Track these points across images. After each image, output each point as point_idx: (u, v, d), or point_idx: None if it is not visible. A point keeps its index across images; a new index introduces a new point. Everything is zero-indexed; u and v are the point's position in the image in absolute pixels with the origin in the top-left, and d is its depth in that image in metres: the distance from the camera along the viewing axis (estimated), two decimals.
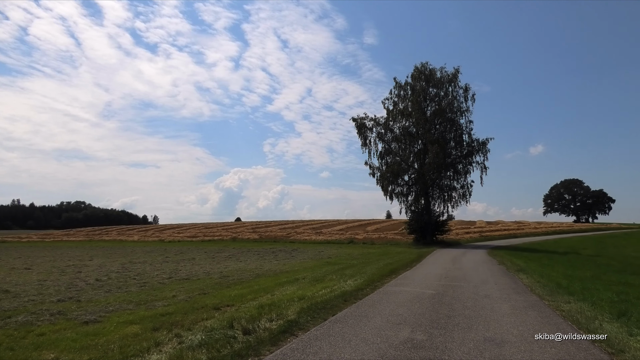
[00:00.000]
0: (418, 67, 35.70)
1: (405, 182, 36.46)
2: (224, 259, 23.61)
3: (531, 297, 8.99)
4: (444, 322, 6.49)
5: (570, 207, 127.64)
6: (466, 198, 36.17)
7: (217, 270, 16.70)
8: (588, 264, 17.98)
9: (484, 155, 35.71)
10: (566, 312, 7.34)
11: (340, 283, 11.05)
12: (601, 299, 8.45)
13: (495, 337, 5.61)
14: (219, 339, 5.57)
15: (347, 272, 14.01)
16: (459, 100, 35.62)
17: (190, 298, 9.82)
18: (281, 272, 15.79)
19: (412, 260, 18.36)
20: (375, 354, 4.90)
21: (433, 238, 35.29)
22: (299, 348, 5.17)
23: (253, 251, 29.78)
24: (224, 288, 11.55)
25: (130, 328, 6.67)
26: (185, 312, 7.88)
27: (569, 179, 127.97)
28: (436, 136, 34.52)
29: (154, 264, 20.40)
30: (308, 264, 19.26)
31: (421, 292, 9.60)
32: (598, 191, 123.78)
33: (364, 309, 7.65)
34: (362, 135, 36.64)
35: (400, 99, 36.27)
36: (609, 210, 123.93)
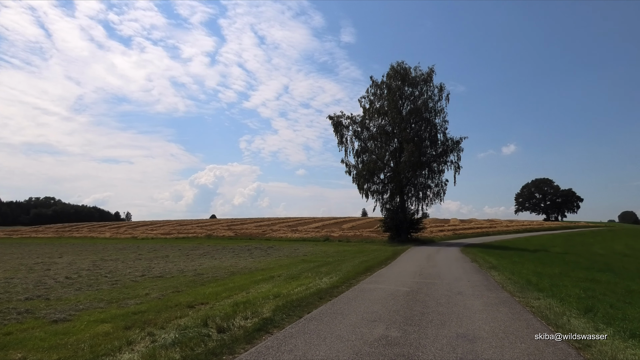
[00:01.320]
0: (394, 66, 36.02)
1: (381, 180, 36.76)
2: (198, 256, 23.34)
3: (502, 293, 9.18)
4: (418, 319, 6.56)
5: (540, 205, 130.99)
6: (440, 196, 36.70)
7: (191, 268, 16.50)
8: (557, 261, 18.51)
9: (458, 155, 36.34)
10: (536, 308, 7.52)
11: (315, 281, 11.06)
12: (569, 295, 8.70)
13: (467, 334, 5.71)
14: (192, 337, 5.50)
15: (323, 269, 14.04)
16: (433, 100, 36.08)
17: (163, 296, 9.68)
18: (256, 269, 15.72)
19: (387, 258, 18.53)
20: (350, 351, 4.92)
21: (408, 236, 35.69)
22: (274, 346, 5.15)
23: (228, 249, 29.56)
24: (199, 286, 11.43)
25: (101, 327, 6.52)
26: (159, 310, 7.76)
27: (540, 179, 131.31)
28: (412, 135, 34.88)
29: (127, 262, 20.01)
30: (284, 261, 19.23)
31: (396, 289, 9.69)
32: (567, 190, 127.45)
33: (339, 306, 7.67)
34: (339, 134, 36.76)
35: (377, 97, 36.52)
36: (577, 209, 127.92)
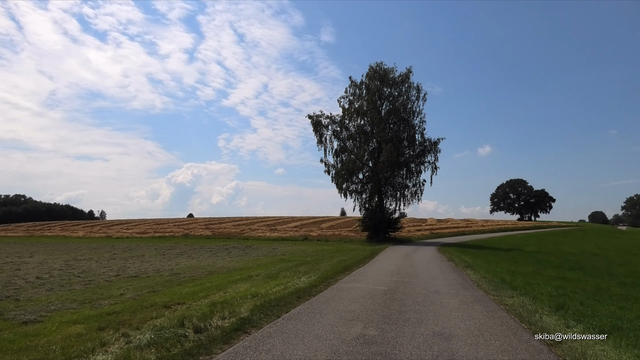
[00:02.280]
0: (373, 67, 36.31)
1: (360, 180, 36.98)
2: (175, 255, 23.03)
3: (478, 292, 9.35)
4: (396, 318, 6.63)
5: (514, 205, 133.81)
6: (418, 196, 37.13)
7: (167, 268, 16.28)
8: (530, 260, 18.93)
9: (435, 155, 36.82)
10: (509, 306, 7.69)
11: (294, 280, 11.05)
12: (541, 293, 8.92)
13: (443, 332, 5.79)
14: (168, 338, 5.43)
15: (301, 269, 14.04)
16: (411, 100, 36.48)
17: (138, 296, 9.52)
18: (234, 269, 15.61)
19: (365, 257, 18.63)
20: (328, 350, 4.93)
21: (386, 235, 36.00)
22: (251, 346, 5.12)
23: (206, 248, 29.26)
24: (175, 286, 11.29)
25: (73, 328, 6.38)
26: (134, 310, 7.63)
27: (514, 179, 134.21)
28: (390, 135, 35.23)
29: (101, 261, 19.61)
30: (262, 261, 19.15)
31: (374, 288, 9.76)
32: (540, 191, 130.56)
33: (318, 305, 7.68)
34: (318, 133, 36.86)
35: (356, 97, 36.74)
36: (549, 209, 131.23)
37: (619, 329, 5.84)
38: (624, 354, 4.78)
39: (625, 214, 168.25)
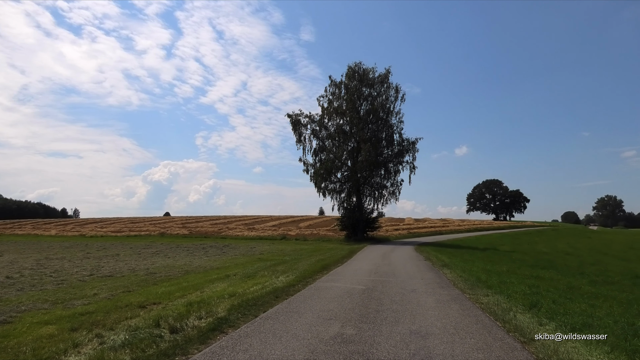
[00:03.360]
0: (352, 67, 36.43)
1: (339, 179, 37.10)
2: (151, 255, 22.69)
3: (454, 291, 9.47)
4: (373, 317, 6.66)
5: (490, 205, 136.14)
6: (396, 196, 37.48)
7: (143, 267, 16.04)
8: (505, 259, 19.30)
9: (413, 155, 37.20)
10: (485, 304, 7.82)
11: (272, 279, 11.01)
12: (516, 291, 9.10)
13: (420, 330, 5.85)
14: (144, 338, 5.34)
15: (279, 268, 14.00)
16: (390, 101, 36.68)
17: (113, 296, 9.35)
18: (211, 268, 15.48)
19: (343, 257, 18.69)
20: (305, 350, 4.92)
21: (364, 234, 36.19)
22: (228, 346, 5.08)
23: (182, 247, 28.93)
24: (151, 285, 11.13)
25: (45, 329, 6.22)
26: (108, 310, 7.49)
27: (490, 180, 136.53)
28: (369, 135, 35.40)
29: (74, 260, 19.18)
30: (239, 260, 19.03)
31: (352, 287, 9.80)
32: (515, 191, 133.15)
33: (296, 305, 7.67)
34: (297, 132, 36.83)
35: (335, 97, 36.81)
36: (524, 209, 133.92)
37: (590, 327, 6.00)
38: (594, 351, 4.91)
39: (597, 214, 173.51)
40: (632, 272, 15.18)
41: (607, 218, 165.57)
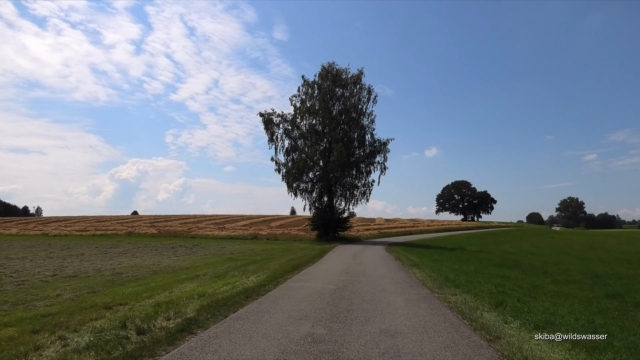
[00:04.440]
0: (325, 67, 36.60)
1: (310, 179, 37.13)
2: (117, 254, 22.15)
3: (423, 290, 9.61)
4: (344, 316, 6.69)
5: (459, 206, 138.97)
6: (367, 196, 37.76)
7: (109, 267, 15.66)
8: (472, 259, 19.72)
9: (384, 156, 37.58)
10: (453, 303, 7.96)
11: (242, 279, 10.92)
12: (482, 290, 9.31)
13: (390, 329, 5.91)
14: (109, 340, 5.20)
15: (250, 268, 13.91)
16: (362, 101, 37.02)
17: (77, 297, 9.10)
18: (180, 268, 15.25)
19: (314, 256, 18.71)
20: (275, 350, 4.90)
21: (335, 234, 36.34)
22: (197, 346, 5.01)
23: (150, 247, 28.37)
24: (117, 286, 10.88)
25: (4, 331, 5.99)
26: (71, 312, 7.28)
27: (459, 181, 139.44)
28: (341, 135, 35.59)
29: (36, 260, 18.53)
30: (209, 260, 18.81)
31: (323, 287, 9.81)
32: (483, 192, 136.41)
33: (266, 305, 7.63)
34: (269, 131, 36.64)
35: (308, 97, 36.85)
36: (491, 210, 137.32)
37: (552, 324, 6.19)
38: (557, 347, 5.07)
39: (559, 215, 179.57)
40: (592, 272, 15.75)
41: (570, 219, 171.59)
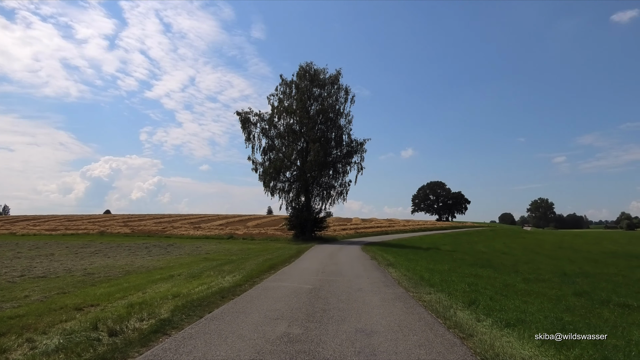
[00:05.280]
0: (303, 66, 36.67)
1: (287, 178, 37.09)
2: (89, 254, 21.65)
3: (398, 289, 9.71)
4: (320, 316, 6.71)
5: (434, 206, 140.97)
6: (344, 196, 37.99)
7: (80, 267, 15.29)
8: (446, 258, 20.03)
9: (361, 156, 37.84)
10: (427, 302, 8.07)
11: (218, 279, 10.83)
12: (456, 289, 9.47)
13: (365, 328, 5.95)
14: (80, 342, 5.08)
15: (226, 268, 13.79)
16: (340, 102, 37.26)
17: (46, 298, 8.85)
18: (155, 268, 15.01)
19: (291, 256, 18.69)
20: (251, 350, 4.88)
21: (312, 234, 36.40)
22: (171, 348, 4.93)
23: (124, 246, 27.82)
24: (88, 286, 10.64)
25: None
26: (40, 313, 7.07)
27: (434, 181, 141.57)
28: (318, 135, 35.69)
29: (2, 260, 17.95)
30: (184, 259, 18.58)
31: (299, 287, 9.81)
32: (457, 193, 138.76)
33: (242, 305, 7.58)
34: (246, 130, 36.46)
35: (286, 96, 36.82)
36: (465, 210, 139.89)
37: (523, 322, 6.34)
38: (527, 344, 5.20)
39: (530, 215, 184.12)
40: (560, 270, 16.20)
41: (540, 219, 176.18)
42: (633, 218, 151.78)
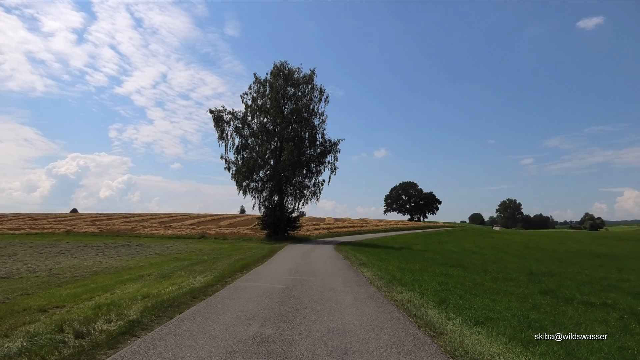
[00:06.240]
0: (277, 65, 36.51)
1: (261, 178, 36.88)
2: (54, 254, 20.97)
3: (371, 289, 9.79)
4: (292, 316, 6.70)
5: (406, 206, 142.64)
6: (317, 196, 38.02)
7: (45, 268, 14.80)
8: (418, 258, 20.30)
9: (335, 156, 37.95)
10: (399, 301, 8.16)
11: (189, 279, 10.68)
12: (427, 288, 9.61)
13: (338, 328, 5.97)
14: (44, 344, 4.92)
15: (197, 268, 13.62)
16: (314, 101, 37.28)
17: (9, 299, 8.54)
18: (124, 268, 14.68)
19: (263, 256, 18.60)
20: (223, 351, 4.83)
21: (285, 234, 36.30)
22: (140, 349, 4.84)
23: (91, 246, 27.07)
24: (54, 287, 10.31)
25: None
26: (2, 316, 6.82)
27: (406, 182, 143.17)
28: (292, 134, 35.64)
29: None
30: (155, 259, 18.23)
31: (272, 286, 9.77)
32: (429, 193, 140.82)
33: (214, 305, 7.50)
34: (219, 129, 36.10)
35: (260, 95, 36.59)
36: (436, 211, 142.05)
37: (491, 320, 6.50)
38: (495, 342, 5.33)
39: (499, 216, 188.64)
40: (527, 269, 16.66)
41: (508, 220, 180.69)
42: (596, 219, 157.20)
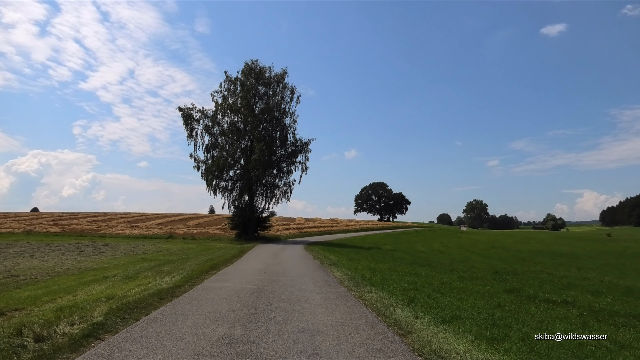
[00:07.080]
0: (248, 64, 36.21)
1: (231, 177, 36.52)
2: (13, 255, 20.17)
3: (340, 288, 9.83)
4: (262, 316, 6.66)
5: (376, 207, 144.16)
6: (287, 196, 37.93)
7: (3, 269, 14.25)
8: (387, 257, 20.52)
9: (306, 155, 37.93)
10: (368, 301, 8.23)
11: (156, 280, 10.47)
12: (396, 288, 9.73)
13: (308, 328, 5.97)
14: (2, 349, 4.73)
15: (165, 268, 13.37)
16: (285, 101, 37.19)
17: None
18: (87, 269, 14.27)
19: (233, 256, 18.43)
20: (190, 352, 4.75)
21: (255, 234, 36.06)
22: (104, 353, 4.70)
23: (53, 246, 26.17)
24: (12, 289, 9.93)
25: None
26: None
27: (376, 182, 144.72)
28: (263, 134, 35.40)
29: None
30: (120, 260, 17.80)
31: (241, 287, 9.69)
32: (398, 194, 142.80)
33: (181, 306, 7.38)
34: (189, 127, 35.57)
35: (230, 93, 36.25)
36: (405, 211, 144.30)
37: (458, 318, 6.63)
38: (461, 340, 5.45)
39: (466, 216, 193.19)
40: (492, 268, 17.08)
41: (475, 220, 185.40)
42: (558, 219, 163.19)
